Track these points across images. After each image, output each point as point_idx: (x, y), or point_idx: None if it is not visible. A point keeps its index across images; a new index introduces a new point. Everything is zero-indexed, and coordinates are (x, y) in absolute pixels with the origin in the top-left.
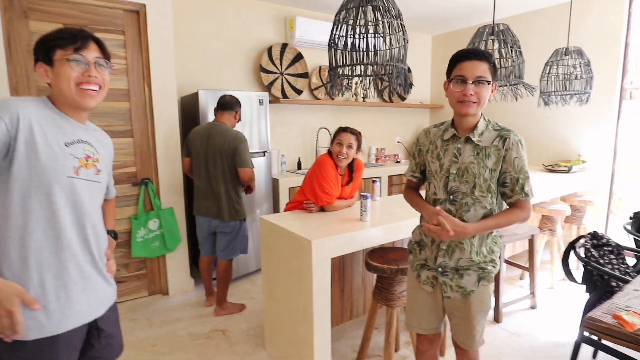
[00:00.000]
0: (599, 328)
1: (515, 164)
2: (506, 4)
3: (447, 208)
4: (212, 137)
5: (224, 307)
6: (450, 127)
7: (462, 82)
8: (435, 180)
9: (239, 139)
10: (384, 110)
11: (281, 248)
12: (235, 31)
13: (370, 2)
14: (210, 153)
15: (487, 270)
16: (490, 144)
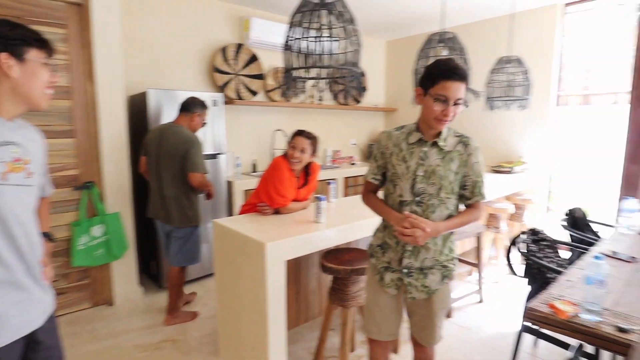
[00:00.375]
0: (537, 317)
1: (475, 169)
2: (454, 13)
3: (413, 209)
4: (164, 139)
5: (175, 316)
6: (416, 132)
7: (444, 102)
8: (402, 182)
9: (191, 142)
10: (340, 113)
11: (235, 252)
12: (187, 29)
13: (324, 6)
14: (161, 155)
15: (449, 268)
16: (454, 149)
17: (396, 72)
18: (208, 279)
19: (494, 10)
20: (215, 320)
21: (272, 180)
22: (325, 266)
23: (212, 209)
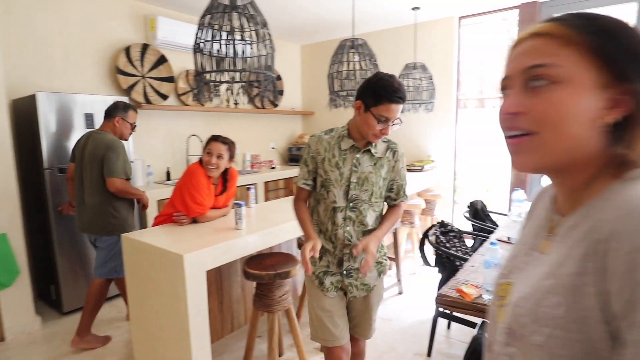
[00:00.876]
0: (447, 302)
1: (402, 174)
2: (363, 21)
3: (347, 215)
4: (86, 145)
5: (84, 339)
6: (348, 138)
7: (385, 122)
8: (335, 188)
9: (109, 147)
10: (257, 117)
11: (150, 267)
12: (83, 27)
13: (235, 8)
14: (84, 161)
15: (383, 264)
16: (384, 156)
17: (311, 76)
18: (118, 299)
19: (399, 19)
20: (130, 343)
21: (188, 188)
22: (248, 273)
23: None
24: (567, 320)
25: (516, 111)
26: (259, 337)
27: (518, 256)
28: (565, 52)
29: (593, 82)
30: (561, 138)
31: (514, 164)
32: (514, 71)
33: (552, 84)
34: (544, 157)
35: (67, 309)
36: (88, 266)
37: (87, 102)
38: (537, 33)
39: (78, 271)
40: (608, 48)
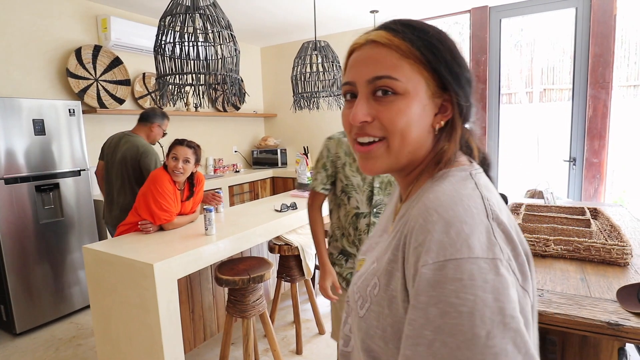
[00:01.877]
0: None
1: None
2: (323, 23)
3: (372, 221)
4: (118, 145)
5: None
6: None
7: None
8: (357, 194)
9: (145, 152)
10: (219, 120)
11: (115, 279)
12: (27, 27)
13: (197, 10)
14: (115, 161)
15: None
16: None
17: (272, 78)
18: (78, 315)
19: (359, 22)
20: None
21: (153, 195)
22: (220, 279)
23: (77, 234)
24: (381, 298)
25: (366, 120)
26: (233, 344)
27: (374, 237)
28: (404, 64)
29: (426, 92)
30: (406, 142)
31: (364, 169)
32: (358, 79)
33: (395, 95)
34: (391, 160)
35: (21, 329)
36: (41, 283)
37: (35, 106)
38: (375, 41)
39: (31, 290)
40: (435, 62)
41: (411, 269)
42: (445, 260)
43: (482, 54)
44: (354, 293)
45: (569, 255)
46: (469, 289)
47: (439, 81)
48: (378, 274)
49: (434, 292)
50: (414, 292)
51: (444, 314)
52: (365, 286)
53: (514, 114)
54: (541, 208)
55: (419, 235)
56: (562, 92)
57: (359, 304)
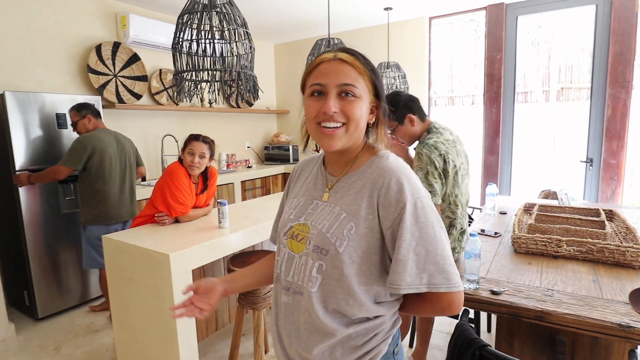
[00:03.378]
0: None
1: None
2: (337, 20)
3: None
4: (121, 143)
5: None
6: None
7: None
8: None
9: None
10: (232, 116)
11: (133, 268)
12: (50, 24)
13: (214, 8)
14: (126, 158)
15: None
16: None
17: (285, 74)
18: (97, 302)
19: (372, 19)
20: (110, 346)
21: (169, 188)
22: (232, 271)
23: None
24: (357, 235)
25: (335, 111)
26: (243, 335)
27: (303, 206)
28: (360, 78)
29: (368, 98)
30: (358, 129)
31: (326, 146)
32: (330, 82)
33: (354, 97)
34: (345, 140)
35: (42, 314)
36: (62, 271)
37: (57, 101)
38: (343, 60)
39: (52, 276)
40: (375, 80)
41: (391, 208)
42: (415, 198)
43: (498, 52)
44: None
45: (582, 257)
46: (428, 212)
47: (374, 92)
48: (353, 220)
49: (413, 217)
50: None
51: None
52: (340, 231)
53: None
54: (554, 209)
55: (394, 187)
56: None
57: (337, 244)
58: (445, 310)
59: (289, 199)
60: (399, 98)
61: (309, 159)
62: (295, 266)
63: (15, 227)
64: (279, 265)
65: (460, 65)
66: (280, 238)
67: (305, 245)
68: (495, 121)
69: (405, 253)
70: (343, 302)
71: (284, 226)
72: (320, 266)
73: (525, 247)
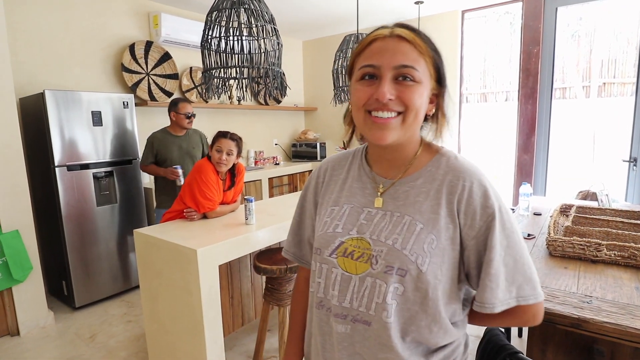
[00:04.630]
0: None
1: None
2: (367, 15)
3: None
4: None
5: None
6: None
7: None
8: None
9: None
10: (260, 113)
11: (162, 262)
12: (88, 24)
13: (242, 4)
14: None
15: None
16: None
17: (314, 72)
18: (129, 294)
19: (403, 14)
20: (142, 338)
21: (198, 184)
22: (259, 267)
23: (129, 219)
24: (438, 249)
25: (391, 97)
26: (269, 330)
27: (351, 215)
28: (422, 59)
29: (429, 84)
30: (416, 119)
31: (376, 137)
32: (384, 63)
33: (414, 81)
34: (401, 133)
35: (79, 304)
36: (98, 263)
37: (93, 99)
38: (402, 37)
39: (89, 267)
40: (440, 63)
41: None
42: (499, 204)
43: (535, 46)
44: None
45: (624, 262)
46: (510, 217)
47: (437, 78)
48: (433, 231)
49: (500, 225)
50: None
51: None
52: (420, 246)
53: (568, 109)
54: (594, 210)
55: (478, 191)
56: (624, 86)
57: (419, 262)
58: (529, 322)
59: (323, 206)
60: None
61: (338, 157)
62: (353, 290)
63: (55, 221)
64: (321, 289)
65: (494, 60)
66: (324, 257)
67: (370, 264)
68: (531, 118)
69: (497, 266)
70: (426, 330)
71: (328, 241)
72: (396, 290)
73: (561, 250)
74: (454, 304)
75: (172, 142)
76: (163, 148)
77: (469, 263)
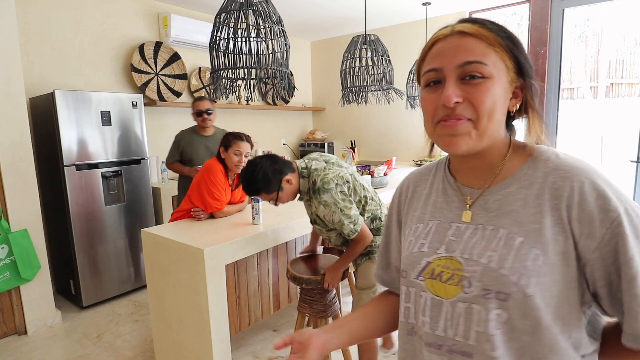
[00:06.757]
0: None
1: (326, 219)
2: (375, 16)
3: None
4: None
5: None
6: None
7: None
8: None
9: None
10: (268, 113)
11: (169, 261)
12: (98, 25)
13: (250, 6)
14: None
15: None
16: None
17: (322, 72)
18: (137, 293)
19: (411, 15)
20: (149, 337)
21: (207, 184)
22: (297, 277)
23: (137, 218)
24: (547, 265)
25: (459, 100)
26: (275, 331)
27: (437, 232)
28: (490, 51)
29: (507, 77)
30: (492, 122)
31: (450, 146)
32: (447, 64)
33: (483, 78)
34: (476, 140)
35: (87, 303)
36: (105, 262)
37: (103, 99)
38: (463, 32)
39: (97, 266)
40: (516, 51)
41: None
42: (625, 204)
43: (542, 46)
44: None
45: None
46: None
47: (517, 68)
48: (537, 245)
49: (632, 231)
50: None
51: None
52: (522, 264)
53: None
54: None
55: (591, 192)
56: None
57: (522, 282)
58: None
59: (407, 225)
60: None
61: (420, 171)
62: (446, 316)
63: (63, 220)
64: (411, 314)
65: None
66: (411, 279)
67: (461, 287)
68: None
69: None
70: None
71: (414, 262)
72: (498, 317)
73: None
74: (574, 332)
75: (198, 142)
76: (189, 147)
77: (595, 281)
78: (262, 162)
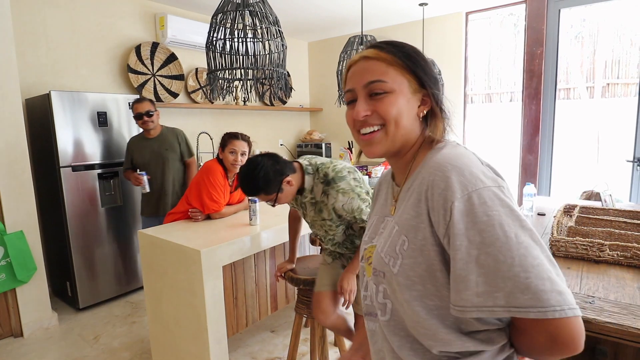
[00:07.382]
0: None
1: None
2: (372, 17)
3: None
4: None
5: None
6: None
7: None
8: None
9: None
10: (265, 114)
11: (166, 262)
12: (94, 26)
13: (247, 7)
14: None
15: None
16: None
17: (319, 72)
18: (133, 295)
19: (407, 15)
20: (146, 338)
21: (206, 186)
22: (294, 279)
23: (134, 220)
24: (411, 250)
25: (367, 114)
26: (272, 331)
27: (376, 225)
28: (389, 70)
29: (409, 89)
30: (399, 127)
31: (368, 153)
32: (357, 85)
33: (385, 93)
34: (389, 144)
35: (83, 304)
36: (102, 264)
37: (99, 100)
38: (367, 57)
39: (93, 268)
40: (413, 67)
41: (440, 211)
42: (469, 193)
43: (538, 47)
44: (381, 259)
45: (626, 262)
46: (492, 207)
47: (418, 80)
48: (404, 232)
49: (467, 217)
50: (452, 225)
51: (480, 231)
52: (392, 248)
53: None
54: (597, 211)
55: (441, 183)
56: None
57: (390, 264)
58: (553, 349)
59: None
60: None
61: (388, 172)
62: (369, 291)
63: (59, 221)
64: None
65: (499, 61)
66: (361, 264)
67: (371, 268)
68: (535, 119)
69: (463, 266)
70: (414, 332)
71: (362, 250)
72: (385, 291)
73: (564, 250)
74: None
75: (144, 146)
76: (136, 153)
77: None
78: (263, 161)
